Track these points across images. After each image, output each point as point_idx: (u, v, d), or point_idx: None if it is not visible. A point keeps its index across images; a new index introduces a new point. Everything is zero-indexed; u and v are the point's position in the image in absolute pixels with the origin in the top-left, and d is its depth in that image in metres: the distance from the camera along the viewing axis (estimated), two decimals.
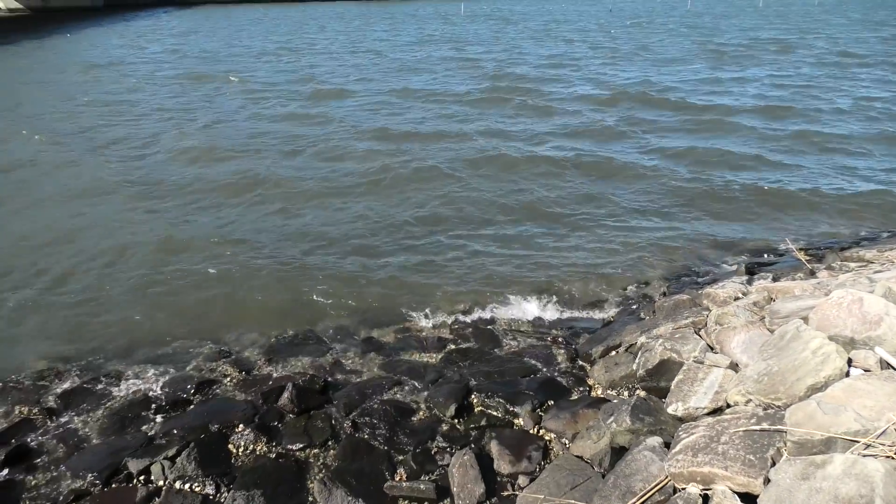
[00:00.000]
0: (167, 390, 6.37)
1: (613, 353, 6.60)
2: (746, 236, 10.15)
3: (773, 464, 3.66)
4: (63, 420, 5.90)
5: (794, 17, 61.86)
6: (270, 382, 6.46)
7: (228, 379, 6.62)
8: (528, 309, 8.02)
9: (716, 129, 16.64)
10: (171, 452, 5.28)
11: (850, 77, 24.74)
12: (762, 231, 10.32)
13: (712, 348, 5.63)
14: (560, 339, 7.19)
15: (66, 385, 6.48)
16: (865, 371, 4.20)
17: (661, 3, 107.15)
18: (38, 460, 5.36)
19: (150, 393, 6.34)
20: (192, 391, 6.32)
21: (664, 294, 8.04)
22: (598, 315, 7.96)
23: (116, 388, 6.43)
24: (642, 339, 6.29)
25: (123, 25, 60.55)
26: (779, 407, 4.19)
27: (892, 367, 4.14)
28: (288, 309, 8.09)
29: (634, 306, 7.94)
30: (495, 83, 24.15)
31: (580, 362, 6.74)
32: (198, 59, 33.86)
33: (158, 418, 5.90)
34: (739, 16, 68.97)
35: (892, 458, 3.33)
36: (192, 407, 6.07)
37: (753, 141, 15.71)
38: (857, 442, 3.46)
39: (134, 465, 5.16)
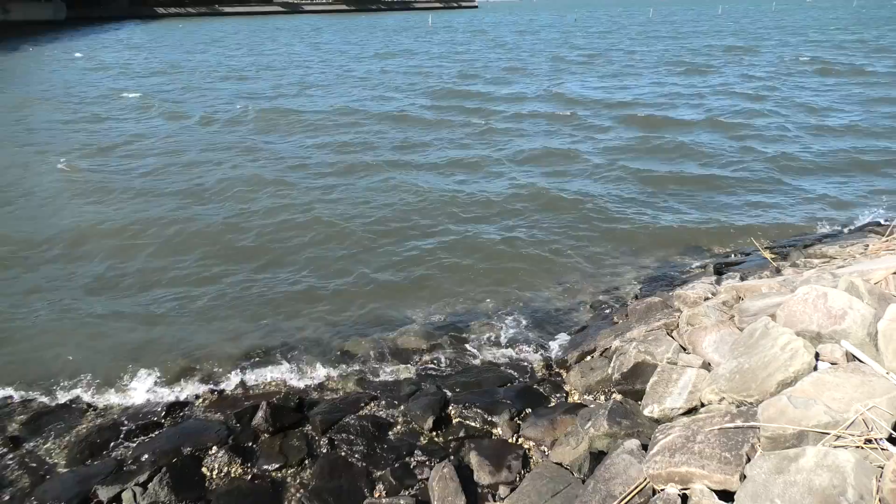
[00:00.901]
0: (136, 413, 6.21)
1: (588, 358, 6.64)
2: (714, 237, 10.34)
3: (749, 460, 3.71)
4: (28, 448, 5.71)
5: (749, 26, 63.65)
6: (244, 402, 6.35)
7: (200, 400, 6.49)
8: (503, 318, 8.03)
9: (676, 136, 16.95)
10: (142, 478, 5.13)
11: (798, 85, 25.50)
12: (729, 231, 10.51)
13: (685, 349, 5.71)
14: (536, 347, 7.21)
15: (31, 412, 6.27)
16: (833, 364, 4.30)
17: (623, 13, 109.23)
18: (3, 491, 5.17)
19: (119, 417, 6.17)
20: (163, 413, 6.18)
21: (636, 297, 8.13)
22: (572, 320, 8.00)
23: (84, 414, 6.25)
24: (616, 343, 6.35)
25: (85, 38, 59.69)
26: (751, 404, 4.26)
27: (858, 360, 4.25)
28: (260, 326, 7.97)
29: (607, 310, 8.01)
30: (445, 98, 24.26)
31: (556, 369, 6.76)
32: (142, 75, 33.48)
33: (128, 443, 5.75)
34: (698, 21, 70.78)
35: (862, 447, 3.41)
36: (162, 430, 5.93)
37: (717, 142, 16.07)
38: (828, 434, 3.53)
39: (104, 493, 5.01)
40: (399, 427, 5.85)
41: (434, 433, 5.70)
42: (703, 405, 4.68)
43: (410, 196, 12.49)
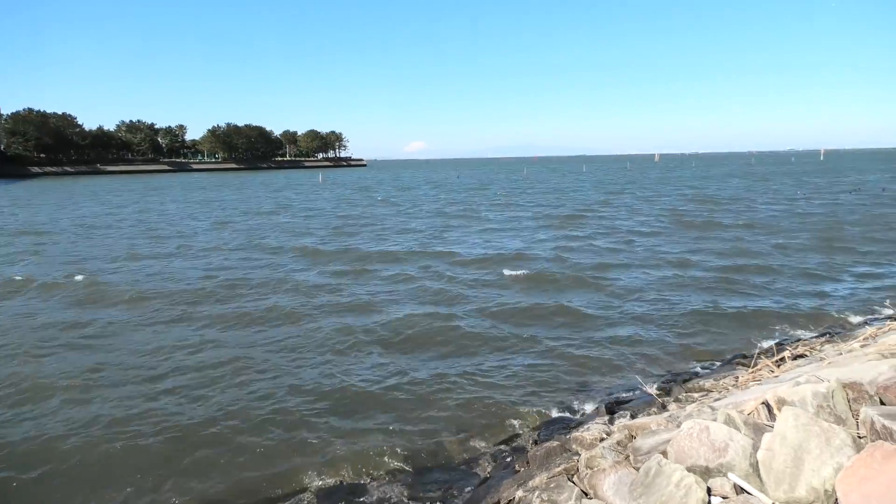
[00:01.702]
0: None
1: None
2: (602, 376, 10.73)
3: None
4: None
5: (608, 183, 71.57)
6: None
7: None
8: (402, 477, 7.63)
9: (555, 297, 18.00)
10: None
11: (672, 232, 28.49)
12: (615, 369, 10.98)
13: (587, 494, 5.65)
14: None
15: None
16: (724, 498, 4.41)
17: (503, 169, 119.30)
18: None
19: None
20: None
21: (535, 442, 8.08)
22: (473, 473, 7.75)
23: None
24: (519, 494, 6.17)
25: None
26: None
27: (747, 492, 4.39)
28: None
29: (508, 458, 7.86)
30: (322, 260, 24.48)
31: None
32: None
33: None
34: (564, 178, 78.61)
35: None
36: None
37: (588, 295, 17.19)
38: None
39: None
40: None
41: None
42: None
43: (256, 375, 12.09)
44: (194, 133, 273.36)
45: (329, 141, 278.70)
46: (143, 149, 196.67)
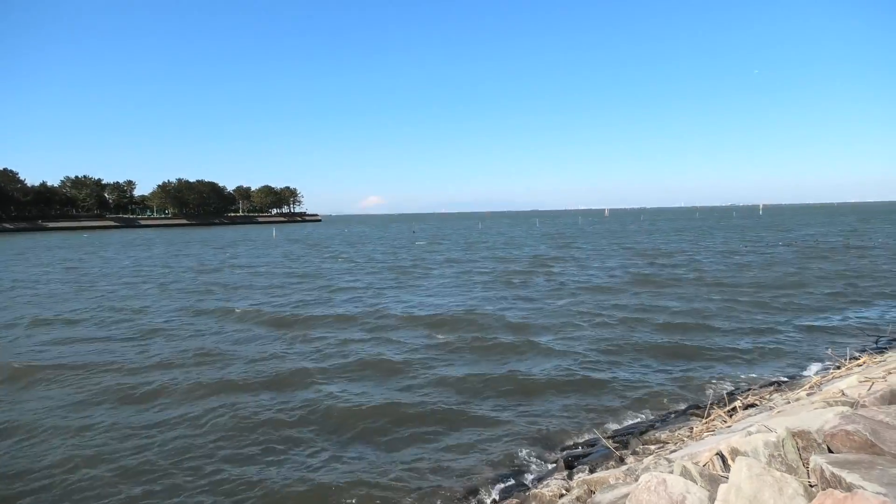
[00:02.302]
0: None
1: None
2: (559, 428, 10.66)
3: None
4: None
5: (561, 237, 73.10)
6: None
7: None
8: None
9: (507, 357, 18.03)
10: None
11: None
12: (572, 425, 10.93)
13: None
14: None
15: None
16: None
17: (459, 224, 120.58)
18: None
19: None
20: None
21: (494, 502, 7.91)
22: None
23: None
24: None
25: None
26: None
27: None
28: None
29: None
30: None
31: None
32: None
33: None
34: (515, 231, 79.91)
35: None
36: None
37: (536, 349, 17.28)
38: None
39: None
40: None
41: None
42: None
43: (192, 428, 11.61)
44: (144, 188, 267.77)
45: (283, 196, 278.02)
46: (89, 204, 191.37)
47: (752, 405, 9.85)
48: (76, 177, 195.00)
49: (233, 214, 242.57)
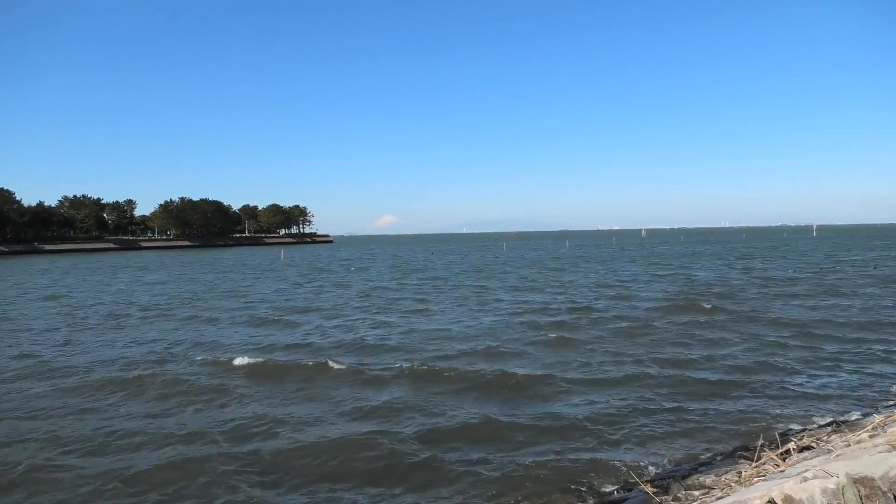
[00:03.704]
0: None
1: None
2: (593, 471, 10.50)
3: None
4: None
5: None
6: None
7: None
8: None
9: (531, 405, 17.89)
10: None
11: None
12: (607, 468, 10.76)
13: None
14: None
15: None
16: None
17: (479, 245, 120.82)
18: None
19: None
20: None
21: None
22: None
23: None
24: None
25: None
26: None
27: None
28: None
29: None
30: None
31: None
32: None
33: None
34: (541, 251, 79.65)
35: None
36: None
37: (556, 383, 17.12)
38: None
39: None
40: None
41: None
42: None
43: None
44: (145, 208, 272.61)
45: (292, 216, 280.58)
46: (87, 226, 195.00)
47: (808, 447, 9.64)
48: (74, 196, 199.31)
49: (238, 235, 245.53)
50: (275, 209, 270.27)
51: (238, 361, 19.29)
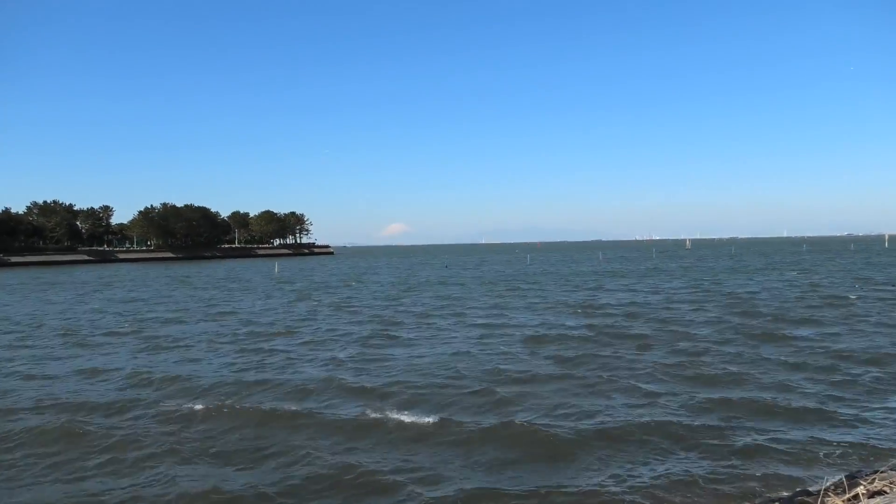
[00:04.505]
0: None
1: None
2: None
3: None
4: None
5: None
6: None
7: None
8: None
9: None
10: None
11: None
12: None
13: None
14: None
15: None
16: None
17: (500, 257, 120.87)
18: None
19: None
20: None
21: None
22: None
23: None
24: None
25: None
26: None
27: None
28: None
29: None
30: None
31: None
32: None
33: None
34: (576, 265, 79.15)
35: None
36: None
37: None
38: None
39: None
40: None
41: None
42: None
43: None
44: (123, 216, 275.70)
45: (288, 224, 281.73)
46: (58, 235, 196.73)
47: (880, 493, 9.32)
48: (44, 202, 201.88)
49: (227, 246, 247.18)
50: (268, 216, 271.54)
51: (197, 406, 17.30)
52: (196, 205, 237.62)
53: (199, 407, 16.72)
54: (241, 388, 19.26)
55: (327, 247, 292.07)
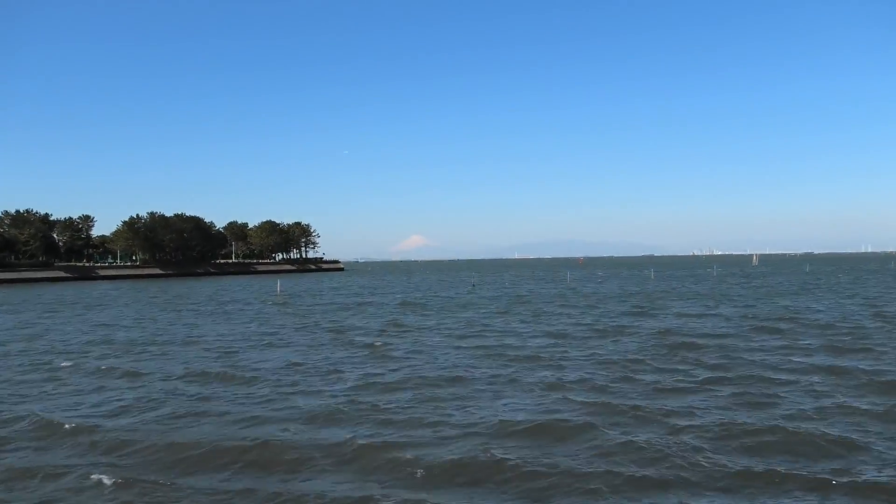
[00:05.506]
0: None
1: None
2: None
3: None
4: None
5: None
6: None
7: None
8: None
9: None
10: None
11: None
12: None
13: None
14: None
15: None
16: None
17: (538, 273, 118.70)
18: None
19: None
20: None
21: None
22: None
23: None
24: None
25: None
26: None
27: None
28: None
29: None
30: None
31: None
32: None
33: None
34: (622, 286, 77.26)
35: None
36: None
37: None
38: None
39: None
40: None
41: None
42: None
43: None
44: (105, 227, 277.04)
45: (292, 236, 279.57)
46: (33, 249, 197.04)
47: None
48: (17, 211, 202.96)
49: (223, 261, 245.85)
50: (269, 227, 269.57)
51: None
52: (188, 214, 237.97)
53: None
54: None
55: (336, 262, 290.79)
